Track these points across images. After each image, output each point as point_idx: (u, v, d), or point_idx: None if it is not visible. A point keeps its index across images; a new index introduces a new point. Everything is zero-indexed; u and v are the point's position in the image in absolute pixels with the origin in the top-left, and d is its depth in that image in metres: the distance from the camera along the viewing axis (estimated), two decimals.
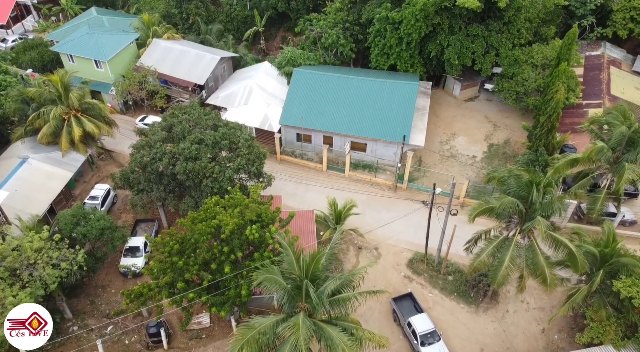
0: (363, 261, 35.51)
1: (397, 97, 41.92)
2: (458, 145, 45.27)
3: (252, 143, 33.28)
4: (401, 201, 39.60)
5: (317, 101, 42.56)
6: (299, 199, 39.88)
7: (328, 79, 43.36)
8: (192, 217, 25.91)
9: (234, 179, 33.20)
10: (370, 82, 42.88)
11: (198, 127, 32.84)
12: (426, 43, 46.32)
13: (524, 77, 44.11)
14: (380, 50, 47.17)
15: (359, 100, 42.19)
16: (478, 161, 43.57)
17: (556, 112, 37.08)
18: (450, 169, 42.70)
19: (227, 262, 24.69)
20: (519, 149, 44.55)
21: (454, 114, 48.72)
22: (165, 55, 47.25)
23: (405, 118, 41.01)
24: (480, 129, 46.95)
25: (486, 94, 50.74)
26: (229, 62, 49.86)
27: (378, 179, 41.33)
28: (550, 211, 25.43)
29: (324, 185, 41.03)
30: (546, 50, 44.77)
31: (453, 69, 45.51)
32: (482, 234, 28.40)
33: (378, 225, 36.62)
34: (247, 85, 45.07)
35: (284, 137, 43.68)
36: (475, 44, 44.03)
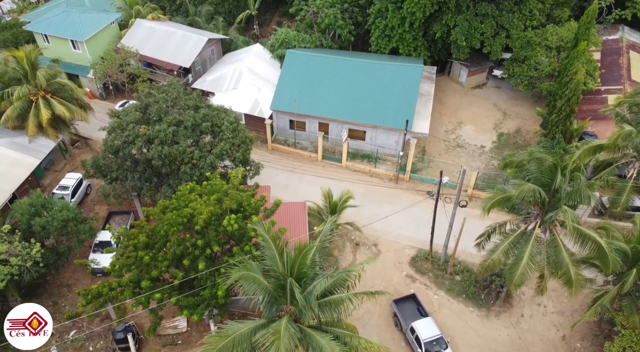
0: (361, 258, 31.99)
1: (399, 80, 38.41)
2: (465, 134, 41.76)
3: (237, 126, 29.78)
4: (403, 193, 36.08)
5: (312, 85, 39.07)
6: (291, 191, 36.39)
7: (324, 61, 39.86)
8: (162, 206, 22.42)
9: (217, 166, 29.75)
10: (369, 64, 39.37)
11: (177, 107, 29.34)
12: (431, 24, 42.82)
13: (537, 61, 40.58)
14: (382, 32, 43.66)
15: (357, 84, 38.69)
16: (487, 151, 40.05)
17: (576, 95, 33.55)
18: (456, 160, 39.18)
19: (202, 257, 21.20)
20: (531, 138, 41.01)
21: (460, 102, 45.21)
22: (149, 37, 43.79)
23: (408, 103, 37.49)
24: (488, 118, 43.43)
25: (495, 81, 47.22)
26: (218, 45, 46.38)
27: (378, 169, 37.81)
28: (577, 200, 21.88)
29: (319, 176, 37.55)
30: (562, 31, 41.23)
31: (460, 51, 41.96)
32: (496, 227, 24.86)
33: (378, 219, 33.10)
34: (237, 68, 41.60)
35: (276, 124, 40.19)
36: (485, 24, 40.49)
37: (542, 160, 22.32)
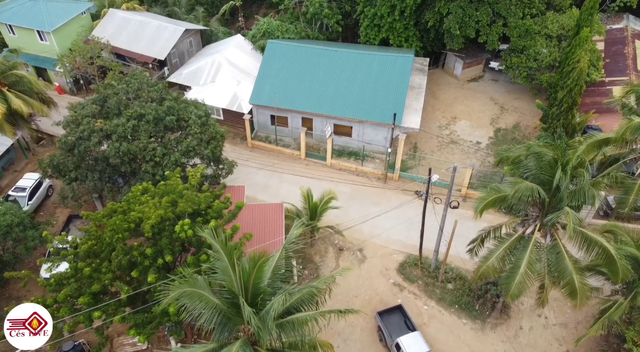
0: (344, 264, 29.27)
1: (387, 72, 35.68)
2: (460, 130, 39.02)
3: (206, 120, 27.04)
4: (392, 193, 33.33)
5: (294, 77, 36.34)
6: (271, 192, 33.66)
7: (307, 52, 37.12)
8: (109, 210, 19.68)
9: (186, 164, 27.08)
10: (356, 54, 36.62)
11: (139, 100, 26.61)
12: (423, 12, 40.10)
13: (537, 51, 37.84)
14: (370, 22, 40.94)
15: (343, 76, 35.97)
16: (483, 148, 37.31)
17: (578, 85, 30.81)
18: (450, 157, 36.45)
19: (153, 268, 18.48)
20: (530, 133, 38.27)
21: (455, 96, 42.46)
22: (123, 27, 41.10)
23: (398, 96, 34.76)
24: (485, 112, 40.68)
25: (491, 74, 44.48)
26: (197, 36, 43.67)
27: (365, 168, 35.07)
28: (581, 200, 19.14)
29: (302, 175, 34.83)
30: (563, 19, 38.47)
31: (454, 41, 39.24)
32: (491, 231, 22.12)
33: (364, 221, 30.40)
34: (215, 60, 38.87)
35: (256, 119, 37.47)
36: (480, 11, 37.75)
37: (542, 155, 19.60)
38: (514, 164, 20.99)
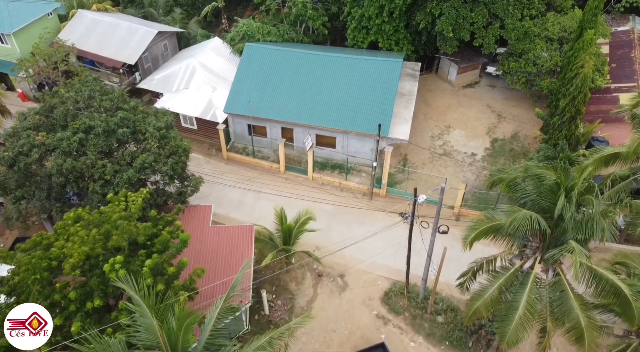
0: (324, 292, 26.29)
1: (374, 78, 32.78)
2: (453, 140, 36.07)
3: (166, 133, 24.10)
4: (378, 212, 30.36)
5: (274, 83, 33.43)
6: (245, 210, 30.69)
7: (287, 56, 34.22)
8: (33, 242, 16.70)
9: (146, 181, 24.15)
10: (340, 59, 33.72)
11: (89, 110, 23.69)
12: (414, 13, 37.25)
13: (537, 55, 34.95)
14: (358, 24, 38.08)
15: (326, 82, 33.06)
16: (479, 160, 34.35)
17: (582, 92, 27.87)
18: (443, 170, 33.49)
19: (78, 315, 15.50)
20: (530, 144, 35.34)
21: (449, 103, 39.56)
22: (92, 30, 38.26)
23: (385, 105, 31.85)
24: (481, 121, 37.75)
25: (489, 79, 41.61)
26: (172, 39, 40.81)
27: (349, 182, 32.11)
28: (588, 233, 16.16)
29: (281, 190, 31.88)
30: (564, 20, 35.60)
31: (447, 44, 36.35)
32: (484, 263, 19.15)
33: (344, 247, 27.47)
34: (189, 64, 35.99)
35: (233, 129, 34.54)
36: (475, 12, 34.88)
37: (542, 178, 16.62)
38: (510, 188, 18.00)
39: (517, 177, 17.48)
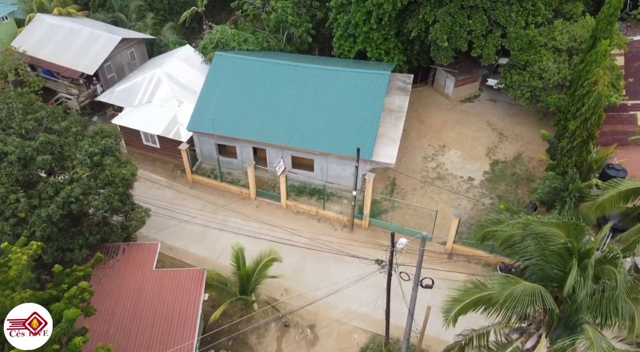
0: (289, 347, 22.37)
1: (358, 92, 28.97)
2: (449, 162, 32.13)
3: (100, 159, 20.36)
4: (359, 247, 26.46)
5: (246, 98, 29.69)
6: (208, 243, 26.85)
7: (262, 67, 30.47)
8: None
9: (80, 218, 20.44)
10: (320, 71, 29.94)
11: (8, 131, 20.01)
12: (406, 20, 33.45)
13: (543, 67, 31.03)
14: (344, 31, 34.33)
15: (304, 97, 29.29)
16: (476, 185, 30.39)
17: (596, 114, 23.88)
18: (435, 197, 29.55)
19: None
20: (535, 168, 31.35)
21: (444, 119, 35.65)
22: (50, 36, 34.75)
23: (369, 123, 28.02)
24: (480, 140, 33.80)
25: (489, 93, 37.70)
26: (141, 47, 37.19)
27: (328, 212, 28.22)
28: (610, 317, 12.14)
29: (250, 220, 28.10)
30: (574, 28, 31.67)
31: (442, 54, 32.50)
32: (474, 337, 15.17)
33: (320, 285, 23.65)
34: (154, 75, 32.33)
35: (199, 149, 30.78)
36: (474, 19, 31.03)
37: (547, 238, 12.67)
38: (506, 246, 14.04)
39: (514, 234, 13.52)
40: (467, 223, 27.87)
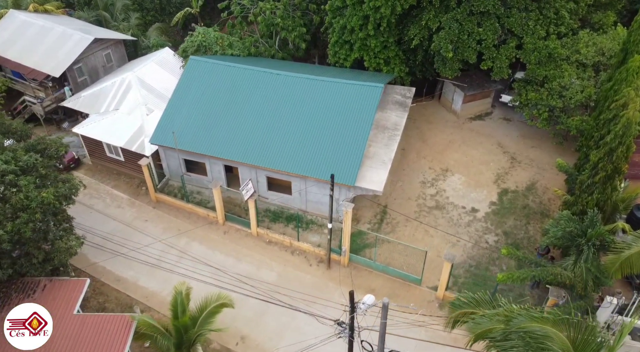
0: None
1: (345, 107, 25.25)
2: (450, 189, 28.05)
3: (14, 180, 17.12)
4: (337, 288, 22.62)
5: (219, 109, 26.29)
6: (162, 275, 23.21)
7: (239, 74, 27.07)
8: None
9: None
10: (303, 80, 26.34)
11: None
12: (407, 26, 29.64)
13: (564, 84, 26.82)
14: (339, 37, 30.70)
15: (284, 110, 25.73)
16: (480, 219, 26.23)
17: (623, 143, 19.60)
18: (431, 231, 25.51)
19: None
20: (551, 200, 27.03)
21: (450, 139, 31.59)
22: (21, 34, 32.12)
23: (355, 143, 24.24)
24: (488, 165, 29.63)
25: (503, 110, 33.49)
26: (119, 48, 34.23)
27: (303, 244, 24.45)
28: None
29: (215, 248, 24.60)
30: (603, 40, 27.39)
31: (447, 66, 28.57)
32: None
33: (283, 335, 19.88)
34: (124, 80, 29.26)
35: (166, 164, 27.47)
36: (484, 27, 27.04)
37: (540, 340, 8.66)
38: (491, 342, 10.04)
39: (493, 330, 9.55)
40: (466, 264, 23.77)
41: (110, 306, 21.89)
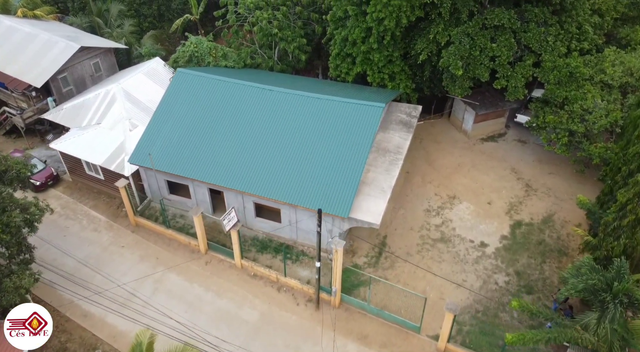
0: None
1: (342, 128, 22.91)
2: (458, 219, 25.49)
3: None
4: (326, 332, 20.20)
5: (204, 127, 24.12)
6: (131, 314, 21.06)
7: (228, 89, 24.89)
8: None
9: None
10: (297, 97, 24.05)
11: None
12: (414, 39, 27.25)
13: (587, 106, 24.19)
14: (340, 50, 28.44)
15: (275, 130, 23.46)
16: (490, 255, 23.62)
17: None
18: (435, 267, 22.98)
19: None
20: (571, 236, 24.33)
21: (458, 162, 29.05)
22: (5, 40, 30.46)
23: (351, 168, 21.85)
24: (500, 192, 27.01)
25: (518, 131, 30.90)
26: (109, 57, 32.29)
27: (290, 279, 22.07)
28: None
29: (194, 281, 22.37)
30: (631, 59, 24.71)
31: (456, 85, 26.11)
32: None
33: None
34: (109, 92, 27.30)
35: (148, 185, 25.37)
36: (499, 43, 24.56)
37: None
38: None
39: None
40: (472, 309, 21.19)
41: (73, 347, 19.76)
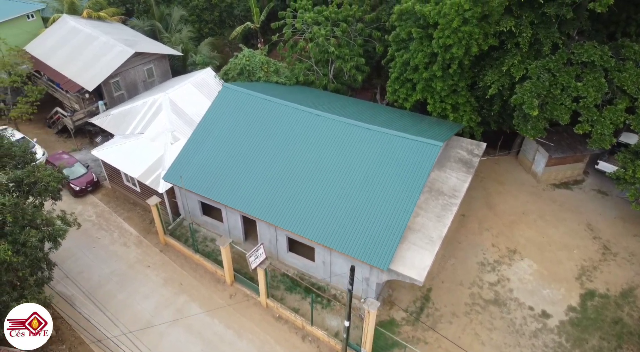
0: None
1: (391, 164, 20.48)
2: (517, 279, 22.21)
3: None
4: None
5: (243, 149, 22.53)
6: (148, 341, 19.78)
7: (272, 109, 23.15)
8: None
9: None
10: (345, 127, 21.86)
11: None
12: (484, 69, 24.25)
13: None
14: (400, 73, 25.97)
15: (317, 162, 21.43)
16: (552, 328, 20.23)
17: None
18: (483, 335, 19.95)
19: None
20: None
21: (524, 209, 25.63)
22: (67, 40, 30.73)
23: (397, 213, 19.37)
24: (571, 252, 23.38)
25: (598, 180, 26.97)
26: (163, 63, 31.71)
27: (317, 329, 19.87)
28: None
29: (214, 316, 20.76)
30: None
31: (529, 125, 22.83)
32: None
33: None
34: (156, 101, 26.50)
35: (181, 203, 24.17)
36: (585, 82, 21.09)
37: None
38: None
39: None
40: None
41: None
